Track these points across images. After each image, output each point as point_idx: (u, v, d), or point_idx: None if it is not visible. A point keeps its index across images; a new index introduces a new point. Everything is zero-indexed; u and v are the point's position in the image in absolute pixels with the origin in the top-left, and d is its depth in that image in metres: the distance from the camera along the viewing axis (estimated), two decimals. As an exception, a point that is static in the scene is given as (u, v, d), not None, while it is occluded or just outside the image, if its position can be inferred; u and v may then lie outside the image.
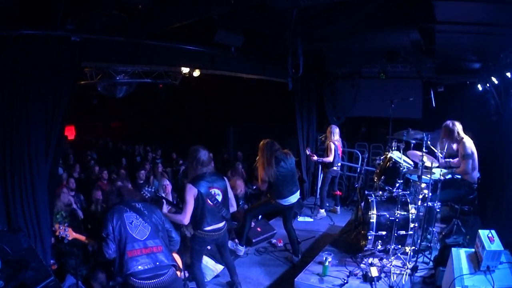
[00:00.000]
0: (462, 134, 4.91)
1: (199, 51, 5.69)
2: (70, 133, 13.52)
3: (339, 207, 7.65)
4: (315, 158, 7.19)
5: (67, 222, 5.10)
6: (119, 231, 3.04)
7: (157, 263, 3.02)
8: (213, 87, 10.65)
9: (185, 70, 7.05)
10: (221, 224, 4.16)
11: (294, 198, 5.28)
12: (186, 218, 3.92)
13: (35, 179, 3.61)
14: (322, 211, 7.33)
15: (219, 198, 4.09)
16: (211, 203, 4.01)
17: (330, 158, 7.03)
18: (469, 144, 4.78)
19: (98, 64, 6.26)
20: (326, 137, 7.23)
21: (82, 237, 3.40)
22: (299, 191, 5.41)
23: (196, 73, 7.16)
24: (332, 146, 7.05)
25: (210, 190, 4.02)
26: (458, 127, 4.92)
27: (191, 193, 3.91)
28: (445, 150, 4.98)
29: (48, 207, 3.86)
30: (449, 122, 4.98)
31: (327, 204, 7.57)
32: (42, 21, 3.58)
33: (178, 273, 3.30)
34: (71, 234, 3.35)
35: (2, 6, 3.26)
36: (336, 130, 7.26)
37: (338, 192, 7.79)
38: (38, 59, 3.56)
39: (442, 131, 5.03)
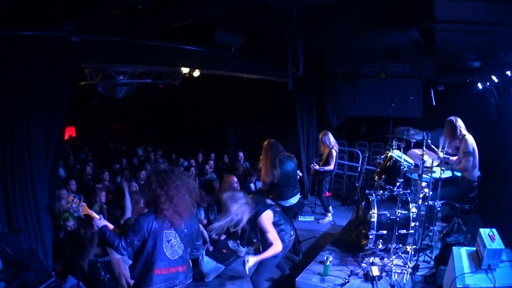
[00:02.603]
0: (464, 131, 4.90)
1: (199, 51, 5.70)
2: (70, 133, 13.52)
3: (330, 207, 7.50)
4: (317, 167, 6.84)
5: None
6: (152, 246, 2.83)
7: (177, 281, 2.94)
8: (213, 87, 10.64)
9: (185, 70, 7.05)
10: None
11: (295, 199, 5.29)
12: (280, 244, 3.74)
13: (36, 179, 3.61)
14: (329, 214, 7.15)
15: None
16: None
17: (331, 166, 6.77)
18: (471, 141, 4.78)
19: (98, 65, 6.27)
20: (323, 144, 6.87)
21: (95, 216, 3.10)
22: (299, 193, 5.42)
23: (196, 73, 7.15)
24: (334, 154, 6.78)
25: None
26: (461, 124, 4.92)
27: (270, 219, 3.81)
28: (445, 149, 4.97)
29: (49, 207, 3.86)
30: (452, 118, 4.95)
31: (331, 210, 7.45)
32: (42, 22, 3.59)
33: None
34: (85, 210, 3.11)
35: (2, 7, 3.26)
36: (331, 135, 6.97)
37: (328, 194, 7.72)
38: (38, 60, 3.56)
39: (446, 126, 4.99)
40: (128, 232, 2.85)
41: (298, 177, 5.51)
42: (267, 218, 3.76)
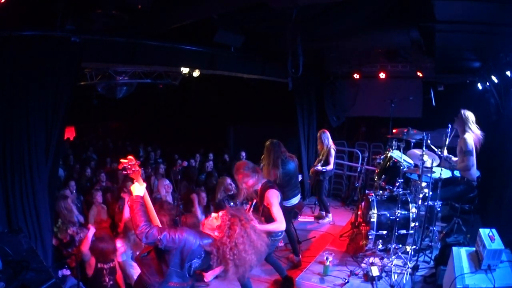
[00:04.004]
0: (469, 129, 4.85)
1: (199, 51, 5.69)
2: (69, 133, 13.52)
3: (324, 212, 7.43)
4: (320, 168, 6.74)
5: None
6: (176, 265, 2.64)
7: None
8: (213, 87, 10.64)
9: (185, 70, 7.04)
10: None
11: (296, 199, 5.29)
12: (284, 222, 3.74)
13: (36, 180, 3.61)
14: (330, 215, 7.08)
15: None
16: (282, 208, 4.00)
17: (332, 165, 6.74)
18: (470, 141, 4.77)
19: (98, 65, 6.26)
20: (321, 143, 6.82)
21: (141, 183, 2.83)
22: (300, 193, 5.43)
23: (196, 73, 7.14)
24: (333, 153, 6.74)
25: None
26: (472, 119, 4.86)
27: (278, 197, 3.88)
28: (447, 142, 4.92)
29: (49, 208, 3.85)
30: (466, 111, 4.89)
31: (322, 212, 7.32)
32: (42, 21, 3.58)
33: None
34: (135, 174, 2.84)
35: (2, 7, 3.26)
36: (328, 134, 6.91)
37: None
38: (38, 60, 3.56)
39: (459, 116, 4.89)
40: (163, 232, 2.58)
41: (300, 179, 5.51)
42: (274, 193, 3.87)
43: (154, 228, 2.59)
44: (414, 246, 4.75)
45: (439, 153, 5.03)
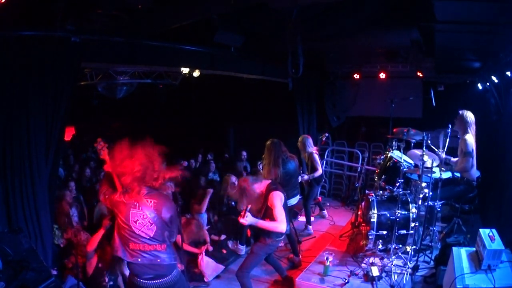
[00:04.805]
0: (470, 130, 4.85)
1: (199, 51, 5.70)
2: (69, 134, 13.51)
3: (325, 211, 7.33)
4: (306, 177, 6.23)
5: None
6: (122, 224, 2.97)
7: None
8: (213, 87, 10.65)
9: (185, 70, 7.05)
10: None
11: (295, 200, 5.31)
12: (284, 224, 3.74)
13: (36, 180, 3.62)
14: (310, 227, 6.54)
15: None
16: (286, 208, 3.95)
17: (320, 171, 6.21)
18: (471, 141, 4.78)
19: (98, 65, 6.26)
20: (303, 151, 6.39)
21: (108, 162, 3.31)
22: (299, 193, 5.43)
23: (196, 73, 7.15)
24: (316, 157, 6.25)
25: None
26: (471, 120, 4.88)
27: (281, 199, 3.82)
28: (446, 145, 4.93)
29: (49, 208, 3.86)
30: (466, 111, 4.92)
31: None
32: (42, 22, 3.58)
33: None
34: (104, 154, 3.33)
35: (2, 7, 3.26)
36: (311, 140, 6.48)
37: (319, 199, 7.59)
38: (38, 60, 3.56)
39: (459, 118, 4.92)
40: (107, 191, 3.16)
41: (300, 180, 5.48)
42: (278, 195, 3.79)
43: (107, 189, 3.14)
44: (414, 246, 4.75)
45: (439, 153, 5.04)
